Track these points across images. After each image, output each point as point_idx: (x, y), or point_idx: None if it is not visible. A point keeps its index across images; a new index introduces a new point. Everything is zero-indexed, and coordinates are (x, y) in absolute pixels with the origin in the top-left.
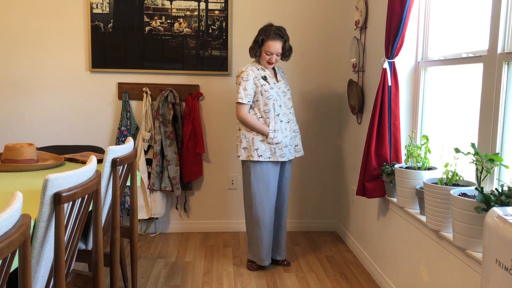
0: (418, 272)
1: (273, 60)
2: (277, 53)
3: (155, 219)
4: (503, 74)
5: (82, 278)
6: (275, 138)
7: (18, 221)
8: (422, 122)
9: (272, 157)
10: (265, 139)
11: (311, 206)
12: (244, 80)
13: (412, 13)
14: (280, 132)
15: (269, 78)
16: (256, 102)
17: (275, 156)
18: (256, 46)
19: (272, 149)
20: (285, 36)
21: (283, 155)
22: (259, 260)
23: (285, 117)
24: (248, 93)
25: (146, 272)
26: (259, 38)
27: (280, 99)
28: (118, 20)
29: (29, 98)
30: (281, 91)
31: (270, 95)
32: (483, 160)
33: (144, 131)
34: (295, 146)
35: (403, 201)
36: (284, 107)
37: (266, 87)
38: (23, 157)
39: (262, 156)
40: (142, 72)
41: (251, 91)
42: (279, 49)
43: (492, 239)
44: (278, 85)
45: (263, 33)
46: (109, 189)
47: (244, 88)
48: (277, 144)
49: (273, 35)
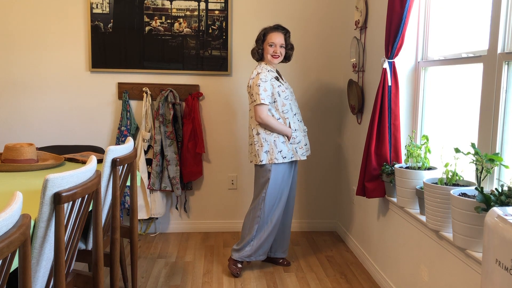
0: (418, 272)
1: (277, 52)
2: (280, 45)
3: (155, 219)
4: (503, 74)
5: (82, 278)
6: (297, 138)
7: (18, 221)
8: (422, 122)
9: (294, 157)
10: (287, 141)
11: (311, 206)
12: (263, 81)
13: (412, 13)
14: (299, 131)
15: (280, 79)
16: (274, 104)
17: (297, 155)
18: (258, 44)
19: (293, 149)
20: (286, 30)
21: (303, 153)
22: (255, 255)
23: (299, 116)
24: (268, 94)
25: (146, 272)
26: (260, 35)
27: (293, 98)
28: (118, 20)
29: (29, 98)
30: (289, 91)
31: (286, 95)
32: (483, 160)
33: (144, 131)
34: (305, 145)
35: (403, 201)
36: (294, 106)
37: (282, 87)
38: (23, 157)
39: (286, 158)
40: (142, 72)
41: (269, 93)
42: (281, 41)
43: (492, 239)
44: (286, 85)
45: (263, 30)
46: (109, 189)
47: (264, 89)
48: (298, 143)
49: (274, 28)
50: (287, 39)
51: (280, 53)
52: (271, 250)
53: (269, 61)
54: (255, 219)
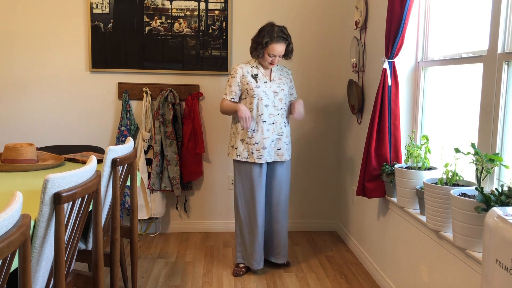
0: (418, 272)
1: (275, 62)
2: (280, 55)
3: (155, 219)
4: (503, 74)
5: (82, 278)
6: (254, 138)
7: (18, 221)
8: (422, 122)
9: (249, 158)
10: (244, 139)
11: (311, 206)
12: (232, 77)
13: (412, 13)
14: (260, 132)
15: (260, 77)
16: (244, 100)
17: (252, 157)
18: (259, 48)
19: (250, 149)
20: (289, 38)
21: (260, 156)
22: (248, 263)
23: (270, 118)
24: (233, 90)
25: (146, 272)
26: (263, 40)
27: (268, 98)
28: (118, 20)
29: (29, 98)
30: (271, 90)
31: (254, 94)
32: (483, 160)
33: (144, 131)
34: (278, 150)
35: (403, 201)
36: (272, 107)
37: (252, 85)
38: (23, 157)
39: (240, 156)
40: (142, 72)
41: (235, 89)
42: (282, 52)
43: (492, 239)
44: (269, 84)
45: (268, 35)
46: (109, 189)
47: (230, 85)
48: (255, 145)
49: (277, 38)
50: (289, 48)
51: (278, 61)
52: (266, 253)
53: (266, 66)
54: (237, 220)
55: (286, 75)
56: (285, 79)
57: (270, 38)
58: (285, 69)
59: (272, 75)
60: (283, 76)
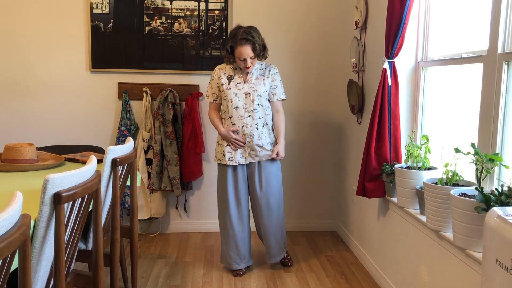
0: (418, 272)
1: (248, 65)
2: (250, 57)
3: (155, 219)
4: (503, 74)
5: (82, 278)
6: (224, 141)
7: (18, 221)
8: (422, 122)
9: (222, 160)
10: (219, 141)
11: (311, 206)
12: (212, 79)
13: (412, 13)
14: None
15: (236, 78)
16: (224, 101)
17: (224, 159)
18: (227, 54)
19: (222, 151)
20: (254, 39)
21: (232, 158)
22: (225, 263)
23: (240, 120)
24: (213, 92)
25: (146, 272)
26: (227, 46)
27: (239, 100)
28: (118, 20)
29: (29, 98)
30: (242, 92)
31: (225, 96)
32: (483, 160)
33: (144, 131)
34: (251, 151)
35: (403, 201)
36: (242, 109)
37: (224, 87)
38: (23, 157)
39: (216, 158)
40: (142, 72)
41: (215, 90)
42: (250, 53)
43: (492, 239)
44: (241, 85)
45: (231, 39)
46: (109, 189)
47: (211, 87)
48: (226, 147)
49: (241, 41)
50: (257, 47)
51: (252, 63)
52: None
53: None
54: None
55: (268, 74)
56: (265, 79)
57: (233, 42)
58: (269, 67)
59: (248, 76)
60: (263, 75)
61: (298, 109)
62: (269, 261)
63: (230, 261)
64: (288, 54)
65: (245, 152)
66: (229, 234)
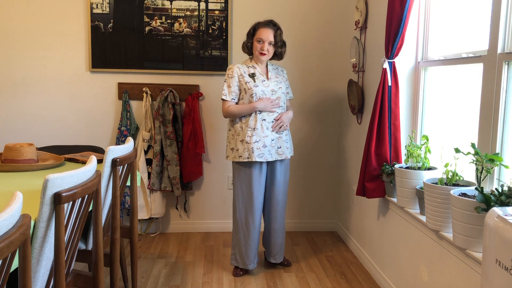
0: (418, 272)
1: (265, 49)
2: (269, 42)
3: (155, 219)
4: (503, 74)
5: (82, 278)
6: (254, 137)
7: (18, 221)
8: (422, 122)
9: (250, 158)
10: (244, 139)
11: (311, 206)
12: (229, 77)
13: (412, 13)
14: (260, 131)
15: (258, 75)
16: (241, 100)
17: (252, 156)
18: (248, 38)
19: (250, 148)
20: (276, 26)
21: (261, 155)
22: (243, 264)
23: (270, 117)
24: (232, 91)
25: (146, 272)
26: (250, 29)
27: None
28: (118, 20)
29: (29, 98)
30: (269, 89)
31: (253, 93)
32: (483, 160)
33: (144, 131)
34: (278, 149)
35: (403, 201)
36: None
37: (250, 84)
38: (23, 157)
39: (242, 157)
40: (142, 72)
41: (235, 89)
42: (270, 37)
43: (492, 239)
44: (266, 83)
45: (255, 24)
46: (109, 189)
47: (229, 85)
48: (255, 143)
49: (264, 24)
50: (278, 36)
51: (268, 51)
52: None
53: (257, 58)
54: (234, 221)
55: (282, 74)
56: (281, 78)
57: (257, 24)
58: (280, 68)
59: (269, 74)
60: (279, 74)
61: (298, 109)
62: (274, 261)
63: (247, 261)
64: (288, 54)
65: (272, 149)
66: (251, 235)
